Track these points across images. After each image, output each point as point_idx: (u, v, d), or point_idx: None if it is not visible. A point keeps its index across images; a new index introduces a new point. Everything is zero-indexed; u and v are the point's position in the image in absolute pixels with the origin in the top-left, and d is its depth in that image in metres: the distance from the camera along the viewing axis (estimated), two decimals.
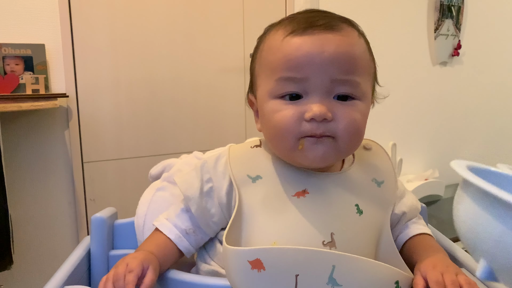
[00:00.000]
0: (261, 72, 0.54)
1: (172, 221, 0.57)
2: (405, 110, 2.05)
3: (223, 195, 0.54)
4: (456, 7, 2.07)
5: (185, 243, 0.56)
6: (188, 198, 0.55)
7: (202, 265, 0.57)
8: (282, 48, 0.49)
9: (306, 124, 0.48)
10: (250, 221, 0.51)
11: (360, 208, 0.53)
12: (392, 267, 0.47)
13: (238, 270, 0.45)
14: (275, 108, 0.50)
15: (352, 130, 0.49)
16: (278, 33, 0.51)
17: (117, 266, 0.48)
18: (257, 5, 1.76)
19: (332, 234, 0.49)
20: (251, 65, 0.59)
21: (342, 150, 0.50)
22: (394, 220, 0.59)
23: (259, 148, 0.58)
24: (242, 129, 1.80)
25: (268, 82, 0.51)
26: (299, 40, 0.48)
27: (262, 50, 0.54)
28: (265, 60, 0.53)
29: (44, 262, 1.48)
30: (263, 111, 0.53)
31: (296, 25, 0.50)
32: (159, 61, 1.62)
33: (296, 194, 0.52)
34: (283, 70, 0.49)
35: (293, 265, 0.44)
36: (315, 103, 0.48)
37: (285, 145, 0.50)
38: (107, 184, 1.58)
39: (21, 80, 1.34)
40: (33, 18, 1.39)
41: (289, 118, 0.49)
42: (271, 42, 0.52)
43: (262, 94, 0.53)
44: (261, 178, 0.54)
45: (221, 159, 0.57)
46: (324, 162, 0.51)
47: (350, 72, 0.49)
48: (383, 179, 0.57)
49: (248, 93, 0.60)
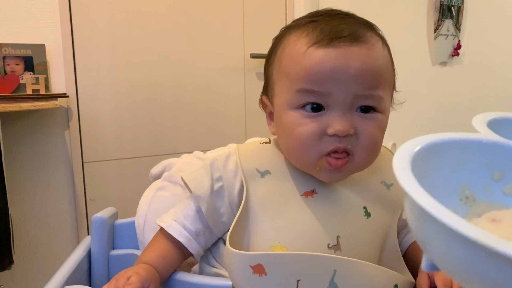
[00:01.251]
0: (280, 80, 0.51)
1: (181, 222, 0.54)
2: (405, 110, 2.03)
3: (235, 194, 0.53)
4: (456, 7, 2.07)
5: (195, 245, 0.54)
6: (199, 197, 0.53)
7: (207, 267, 0.56)
8: (305, 60, 0.47)
9: (328, 139, 0.47)
10: (255, 217, 0.50)
11: (368, 210, 0.52)
12: (392, 271, 0.47)
13: (240, 273, 0.45)
14: (296, 122, 0.48)
15: (371, 147, 0.49)
16: (300, 42, 0.48)
17: (117, 279, 0.47)
18: (257, 5, 1.76)
19: (338, 237, 0.49)
20: (266, 67, 0.56)
21: (358, 166, 0.50)
22: (401, 225, 0.58)
23: (268, 145, 0.57)
24: (242, 129, 1.80)
25: (288, 92, 0.49)
26: (323, 53, 0.46)
27: (281, 57, 0.51)
28: (285, 69, 0.50)
29: (44, 262, 1.48)
30: (281, 120, 0.51)
31: (320, 35, 0.47)
32: (159, 61, 1.62)
33: (305, 193, 0.51)
34: (305, 82, 0.47)
35: (294, 270, 0.44)
36: (338, 118, 0.46)
37: (304, 161, 0.49)
38: (107, 184, 1.58)
39: (21, 80, 1.34)
40: (33, 18, 1.39)
41: (311, 134, 0.47)
42: (292, 51, 0.49)
43: (280, 104, 0.51)
44: (270, 173, 0.53)
45: (231, 157, 0.55)
46: (336, 182, 0.52)
47: (374, 87, 0.47)
48: (392, 182, 0.57)
49: (262, 94, 0.58)
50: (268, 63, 0.56)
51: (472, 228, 0.20)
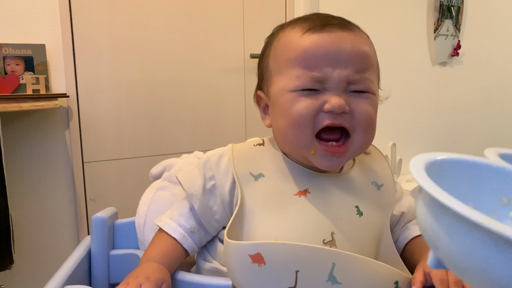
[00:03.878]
0: (277, 69, 0.54)
1: (176, 220, 0.57)
2: (405, 110, 2.05)
3: (225, 193, 0.55)
4: (455, 7, 2.07)
5: (189, 242, 0.56)
6: (191, 195, 0.55)
7: (203, 263, 0.57)
8: (301, 44, 0.50)
9: (324, 115, 0.49)
10: (251, 218, 0.51)
11: (360, 209, 0.53)
12: (392, 267, 0.47)
13: (239, 264, 0.46)
14: (293, 100, 0.50)
15: (368, 124, 0.51)
16: (294, 30, 0.52)
17: (129, 283, 0.46)
18: (257, 5, 1.76)
19: (333, 233, 0.49)
20: (260, 63, 0.59)
21: (358, 146, 0.51)
22: (393, 221, 0.59)
23: (262, 147, 0.59)
24: (242, 129, 1.80)
25: (285, 77, 0.52)
26: (318, 37, 0.50)
27: (276, 48, 0.55)
28: (282, 56, 0.53)
29: (45, 262, 1.49)
30: (278, 104, 0.53)
31: (312, 24, 0.51)
32: (159, 61, 1.62)
33: (298, 193, 0.52)
34: (302, 65, 0.50)
35: (293, 261, 0.44)
36: (334, 96, 0.49)
37: (298, 140, 0.51)
38: (108, 184, 1.58)
39: (21, 80, 1.34)
40: (33, 18, 1.39)
41: (307, 108, 0.49)
42: (288, 39, 0.53)
43: (277, 90, 0.53)
44: (263, 176, 0.54)
45: (224, 157, 0.57)
46: (336, 169, 0.54)
47: (364, 69, 0.51)
48: (382, 183, 0.58)
49: (256, 90, 0.60)
50: (262, 59, 0.58)
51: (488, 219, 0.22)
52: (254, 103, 0.62)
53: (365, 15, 1.86)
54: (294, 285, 0.44)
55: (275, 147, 0.58)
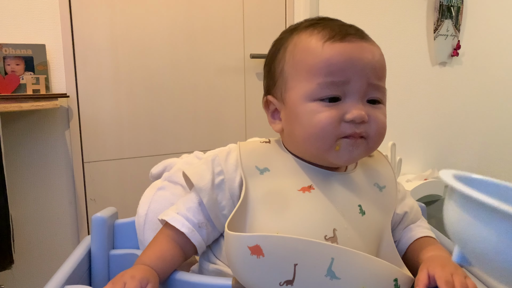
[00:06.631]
0: (295, 75, 0.54)
1: (184, 214, 0.55)
2: (405, 110, 2.05)
3: (235, 187, 0.55)
4: (455, 8, 2.07)
5: (197, 237, 0.55)
6: (200, 189, 0.55)
7: (207, 264, 0.57)
8: (324, 52, 0.52)
9: (346, 125, 0.51)
10: (254, 212, 0.52)
11: (362, 208, 0.54)
12: (392, 265, 0.47)
13: (238, 255, 0.46)
14: (315, 110, 0.51)
15: (381, 132, 0.54)
16: (314, 37, 0.53)
17: (114, 283, 0.47)
18: (257, 5, 1.76)
19: (335, 230, 0.50)
20: (272, 67, 0.58)
21: (371, 149, 0.54)
22: (396, 220, 0.60)
23: (268, 144, 0.60)
24: (242, 129, 1.80)
25: (306, 84, 0.52)
26: (341, 46, 0.52)
27: (294, 53, 0.55)
28: (302, 62, 0.53)
29: (45, 262, 1.49)
30: (296, 112, 0.53)
31: (331, 32, 0.53)
32: (159, 61, 1.62)
33: (302, 189, 0.53)
34: (326, 73, 0.51)
35: (292, 254, 0.45)
36: (355, 106, 0.51)
37: (321, 145, 0.52)
38: (108, 184, 1.58)
39: (21, 80, 1.34)
40: (33, 18, 1.39)
41: (330, 119, 0.51)
42: (308, 45, 0.53)
43: (296, 96, 0.53)
44: (268, 170, 0.55)
45: (232, 153, 0.58)
46: (354, 161, 0.56)
47: (381, 78, 0.54)
48: (384, 184, 0.59)
49: (266, 95, 0.60)
50: (275, 62, 0.58)
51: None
52: (262, 107, 0.61)
53: (365, 15, 1.86)
54: (292, 278, 0.44)
55: (281, 147, 0.59)
